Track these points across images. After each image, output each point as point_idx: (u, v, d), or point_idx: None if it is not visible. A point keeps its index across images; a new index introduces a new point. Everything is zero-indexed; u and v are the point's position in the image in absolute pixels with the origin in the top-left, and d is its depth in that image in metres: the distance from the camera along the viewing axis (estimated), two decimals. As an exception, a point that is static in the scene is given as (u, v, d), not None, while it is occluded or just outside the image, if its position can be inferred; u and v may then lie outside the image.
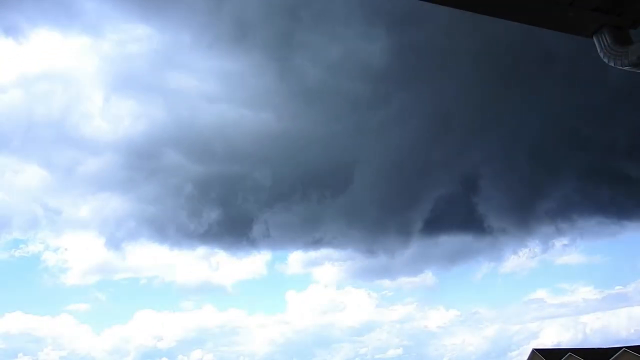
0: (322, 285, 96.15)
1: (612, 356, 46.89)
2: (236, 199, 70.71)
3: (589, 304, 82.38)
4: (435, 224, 68.30)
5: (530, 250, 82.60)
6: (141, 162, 73.17)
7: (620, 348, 47.46)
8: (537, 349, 53.26)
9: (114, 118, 73.09)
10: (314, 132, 62.24)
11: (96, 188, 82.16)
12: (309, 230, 76.53)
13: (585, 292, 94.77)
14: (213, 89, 70.06)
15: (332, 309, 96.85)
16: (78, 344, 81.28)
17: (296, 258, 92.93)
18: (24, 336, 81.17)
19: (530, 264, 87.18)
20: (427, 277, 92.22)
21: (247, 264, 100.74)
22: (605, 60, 2.94)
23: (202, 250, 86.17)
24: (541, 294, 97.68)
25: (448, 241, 79.63)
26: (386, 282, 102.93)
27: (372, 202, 65.83)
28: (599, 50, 2.98)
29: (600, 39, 2.96)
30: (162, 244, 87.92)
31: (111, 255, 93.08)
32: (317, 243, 78.70)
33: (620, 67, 2.87)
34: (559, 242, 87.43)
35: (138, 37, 69.66)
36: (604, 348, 51.06)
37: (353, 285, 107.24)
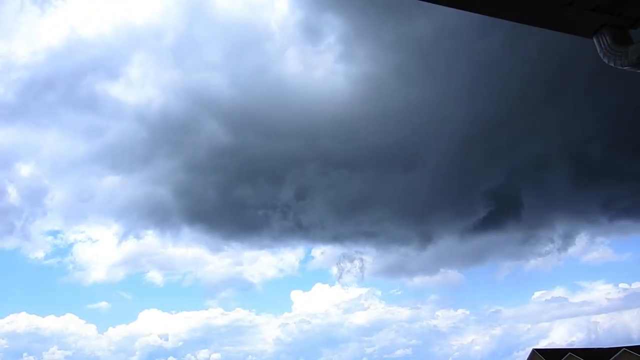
0: (340, 283, 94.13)
1: (612, 356, 46.86)
2: (279, 184, 65.50)
3: (612, 303, 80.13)
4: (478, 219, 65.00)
5: (559, 246, 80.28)
6: (178, 137, 67.18)
7: (620, 348, 47.40)
8: (537, 349, 53.21)
9: (162, 86, 67.51)
10: (393, 104, 55.95)
11: (126, 167, 78.11)
12: (352, 217, 71.53)
13: (609, 291, 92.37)
14: (290, 54, 63.31)
15: (340, 308, 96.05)
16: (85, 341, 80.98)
17: (325, 253, 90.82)
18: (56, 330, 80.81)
19: (556, 262, 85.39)
20: (449, 275, 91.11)
21: (280, 259, 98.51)
22: (605, 60, 2.94)
23: (232, 244, 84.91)
24: (562, 293, 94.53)
25: (478, 238, 77.02)
26: (405, 280, 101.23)
27: (426, 188, 61.91)
28: (598, 51, 2.98)
29: (600, 39, 2.96)
30: (198, 235, 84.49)
31: (140, 248, 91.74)
32: (350, 235, 75.06)
33: (620, 67, 2.87)
34: (586, 239, 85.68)
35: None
36: (603, 348, 51.01)
37: (379, 281, 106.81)
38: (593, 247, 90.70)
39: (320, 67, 63.19)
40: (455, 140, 53.50)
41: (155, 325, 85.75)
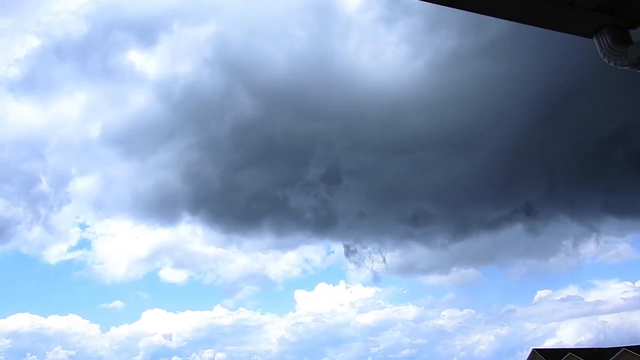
0: (350, 281, 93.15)
1: (612, 356, 46.84)
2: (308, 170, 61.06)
3: (628, 302, 77.16)
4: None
5: (582, 244, 79.24)
6: (204, 117, 61.15)
7: (620, 348, 47.36)
8: (537, 349, 53.16)
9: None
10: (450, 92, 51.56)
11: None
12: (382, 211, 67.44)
13: (628, 289, 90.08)
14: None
15: (353, 307, 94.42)
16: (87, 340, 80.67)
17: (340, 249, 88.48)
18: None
19: (577, 260, 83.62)
20: (467, 273, 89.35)
21: (301, 257, 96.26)
22: (605, 60, 2.94)
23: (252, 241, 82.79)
24: (579, 292, 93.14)
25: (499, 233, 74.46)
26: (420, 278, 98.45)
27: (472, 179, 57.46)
28: (599, 50, 2.98)
29: (600, 39, 2.97)
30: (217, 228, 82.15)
31: (158, 244, 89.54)
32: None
33: (620, 67, 2.87)
34: (609, 238, 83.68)
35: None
36: (603, 348, 50.96)
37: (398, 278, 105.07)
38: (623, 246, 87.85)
39: (393, 46, 57.77)
40: (519, 124, 49.19)
41: (160, 325, 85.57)
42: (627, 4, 2.85)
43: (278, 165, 64.35)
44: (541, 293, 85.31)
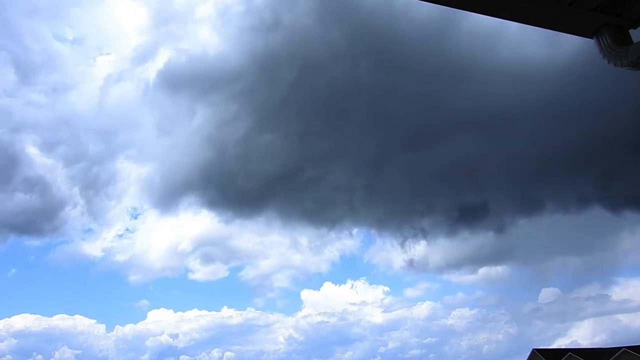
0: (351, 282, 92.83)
1: (612, 356, 46.83)
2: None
3: None
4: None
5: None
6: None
7: (620, 348, 47.32)
8: (537, 349, 53.08)
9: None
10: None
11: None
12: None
13: None
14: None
15: (349, 307, 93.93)
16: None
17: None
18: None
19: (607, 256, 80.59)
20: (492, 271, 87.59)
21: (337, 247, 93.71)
22: (606, 60, 2.95)
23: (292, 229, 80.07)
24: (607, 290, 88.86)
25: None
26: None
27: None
28: (599, 51, 2.99)
29: (600, 39, 2.97)
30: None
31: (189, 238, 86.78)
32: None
33: (620, 67, 2.88)
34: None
35: None
36: (603, 348, 50.97)
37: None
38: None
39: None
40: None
41: (167, 324, 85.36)
42: (627, 4, 2.86)
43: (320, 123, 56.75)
44: (560, 290, 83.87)
